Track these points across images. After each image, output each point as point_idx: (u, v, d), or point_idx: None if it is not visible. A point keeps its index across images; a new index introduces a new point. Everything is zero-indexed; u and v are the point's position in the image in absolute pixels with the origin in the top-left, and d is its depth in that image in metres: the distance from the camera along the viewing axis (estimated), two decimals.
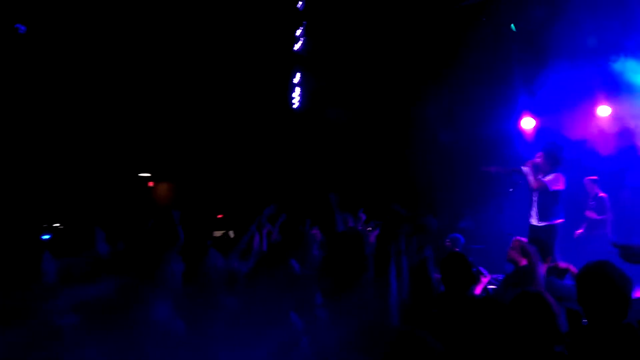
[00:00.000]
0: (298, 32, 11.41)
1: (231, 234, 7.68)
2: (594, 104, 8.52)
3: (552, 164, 6.37)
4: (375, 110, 10.78)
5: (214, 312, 3.14)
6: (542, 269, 4.39)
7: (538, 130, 9.08)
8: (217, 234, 7.17)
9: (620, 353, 2.25)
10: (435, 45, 9.67)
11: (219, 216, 11.53)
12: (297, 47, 11.48)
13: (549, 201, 6.38)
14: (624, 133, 7.97)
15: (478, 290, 4.42)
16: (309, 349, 2.72)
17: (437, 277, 3.54)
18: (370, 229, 5.35)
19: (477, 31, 9.19)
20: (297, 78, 11.73)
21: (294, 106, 11.82)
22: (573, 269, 4.28)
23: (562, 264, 4.46)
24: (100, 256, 3.41)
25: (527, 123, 9.20)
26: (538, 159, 6.46)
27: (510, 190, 7.81)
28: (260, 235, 4.82)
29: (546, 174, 6.39)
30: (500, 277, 5.47)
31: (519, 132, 9.27)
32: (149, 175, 13.86)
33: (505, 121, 9.33)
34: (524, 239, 4.82)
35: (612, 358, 2.25)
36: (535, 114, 9.13)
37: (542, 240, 5.69)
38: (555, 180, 6.34)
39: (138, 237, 4.02)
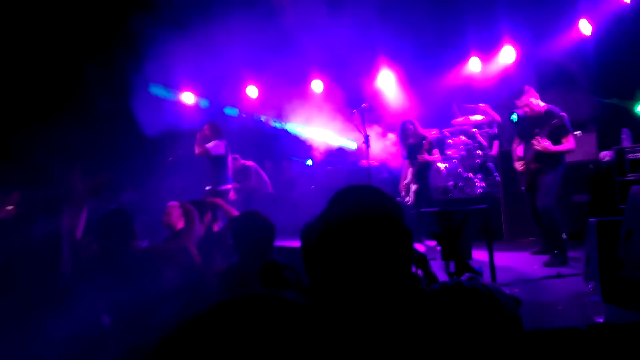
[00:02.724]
0: None
1: None
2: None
3: (216, 134, 7.01)
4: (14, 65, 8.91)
5: None
6: (200, 229, 4.63)
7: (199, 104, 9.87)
8: None
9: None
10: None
11: None
12: None
13: (212, 166, 6.98)
14: None
15: None
16: None
17: None
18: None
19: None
20: None
21: None
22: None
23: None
24: None
25: (188, 98, 9.98)
26: (205, 130, 7.01)
27: (170, 159, 7.97)
28: None
29: (210, 142, 6.96)
30: None
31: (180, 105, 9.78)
32: None
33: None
34: (176, 203, 4.83)
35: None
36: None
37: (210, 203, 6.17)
38: (216, 147, 6.93)
39: None
